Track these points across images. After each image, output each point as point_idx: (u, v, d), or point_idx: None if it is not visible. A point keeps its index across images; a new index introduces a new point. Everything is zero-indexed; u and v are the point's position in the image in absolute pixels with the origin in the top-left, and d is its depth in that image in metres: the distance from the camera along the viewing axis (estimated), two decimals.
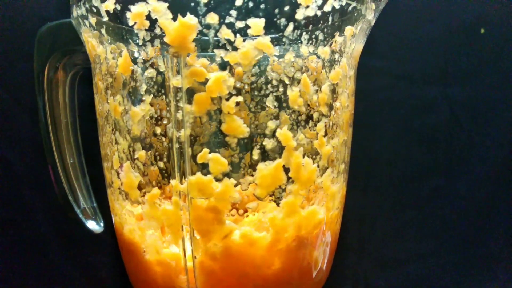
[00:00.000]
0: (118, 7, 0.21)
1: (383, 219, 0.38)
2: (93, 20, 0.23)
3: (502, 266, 0.38)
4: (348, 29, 0.24)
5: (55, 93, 0.31)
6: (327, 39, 0.23)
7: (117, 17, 0.22)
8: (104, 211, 0.33)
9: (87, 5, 0.23)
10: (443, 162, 0.37)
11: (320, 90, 0.23)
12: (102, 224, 0.32)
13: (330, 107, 0.24)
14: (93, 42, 0.24)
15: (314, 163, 0.24)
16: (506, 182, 0.37)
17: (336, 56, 0.24)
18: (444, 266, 0.38)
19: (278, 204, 0.23)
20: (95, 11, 0.22)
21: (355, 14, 0.24)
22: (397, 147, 0.37)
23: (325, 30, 0.23)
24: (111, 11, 0.21)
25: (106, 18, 0.22)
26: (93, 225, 0.32)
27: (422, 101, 0.37)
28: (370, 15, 0.26)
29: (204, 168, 0.22)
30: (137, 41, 0.21)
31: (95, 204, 0.32)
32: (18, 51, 0.34)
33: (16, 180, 0.36)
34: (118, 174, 0.24)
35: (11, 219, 0.36)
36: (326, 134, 0.24)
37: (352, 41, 0.25)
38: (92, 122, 0.28)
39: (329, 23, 0.23)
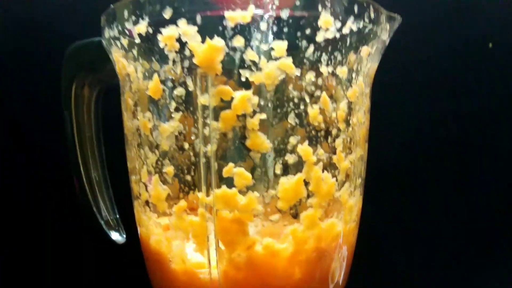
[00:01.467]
0: (150, 30, 0.23)
1: (393, 232, 0.39)
2: (125, 41, 0.24)
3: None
4: (365, 49, 0.25)
5: (81, 108, 0.32)
6: (345, 59, 0.24)
7: (149, 39, 0.23)
8: (125, 223, 0.34)
9: (119, 28, 0.24)
10: (452, 176, 0.38)
11: (338, 108, 0.25)
12: (124, 235, 0.33)
13: (348, 124, 0.25)
14: (124, 62, 0.25)
15: (332, 178, 0.25)
16: None
17: (353, 75, 0.25)
18: (454, 279, 0.39)
19: (299, 217, 0.24)
20: (127, 33, 0.24)
21: (371, 35, 0.25)
22: (407, 161, 0.38)
23: (343, 51, 0.24)
24: (144, 34, 0.23)
25: (138, 40, 0.23)
26: (116, 236, 0.33)
27: (430, 115, 0.38)
28: (385, 35, 0.27)
29: (229, 181, 0.23)
30: (167, 61, 0.23)
31: (118, 216, 0.34)
32: (45, 68, 0.35)
33: (40, 193, 0.37)
34: (146, 187, 0.25)
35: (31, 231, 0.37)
36: (344, 150, 0.25)
37: (368, 60, 0.26)
38: (116, 136, 0.30)
39: (347, 44, 0.24)
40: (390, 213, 0.39)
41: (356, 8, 0.24)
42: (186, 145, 0.23)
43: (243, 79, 0.22)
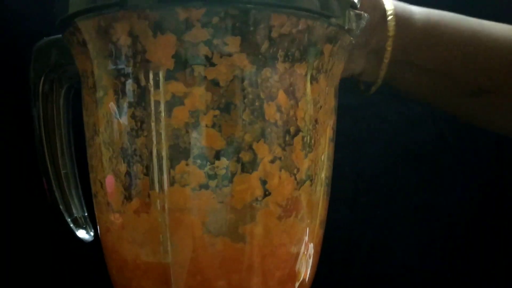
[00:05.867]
0: (103, 25, 0.22)
1: (370, 234, 0.38)
2: (80, 36, 0.24)
3: (489, 279, 0.38)
4: (326, 47, 0.25)
5: (50, 105, 0.32)
6: (304, 56, 0.24)
7: (102, 34, 0.23)
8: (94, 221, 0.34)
9: (74, 23, 0.24)
10: (429, 178, 0.38)
11: (297, 105, 0.24)
12: (92, 233, 0.33)
13: (308, 122, 0.25)
14: (81, 58, 0.25)
15: (291, 176, 0.24)
16: (491, 197, 0.38)
17: (314, 72, 0.25)
18: (431, 281, 0.38)
19: (255, 215, 0.24)
20: (81, 28, 0.23)
21: (333, 32, 0.25)
22: (383, 163, 0.38)
23: (301, 47, 0.24)
24: (96, 29, 0.23)
25: (91, 35, 0.23)
26: (83, 234, 0.33)
27: (408, 117, 0.37)
28: (350, 33, 0.27)
29: (182, 179, 0.23)
30: (120, 56, 0.22)
31: (86, 213, 0.33)
32: (14, 65, 0.35)
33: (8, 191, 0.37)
34: (101, 184, 0.25)
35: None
36: (303, 148, 0.25)
37: (330, 58, 0.26)
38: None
39: (305, 40, 0.23)
40: (368, 215, 0.38)
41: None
42: (139, 142, 0.23)
43: (196, 74, 0.22)
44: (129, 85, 0.23)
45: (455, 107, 0.33)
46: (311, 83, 0.25)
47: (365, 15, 0.27)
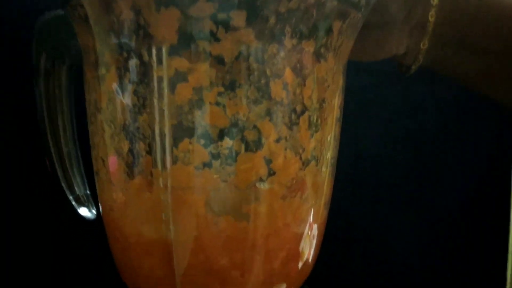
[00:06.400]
0: None
1: (368, 218, 0.38)
2: (82, 11, 0.23)
3: (487, 266, 0.38)
4: (336, 24, 0.24)
5: (52, 83, 0.32)
6: (312, 32, 0.23)
7: (104, 9, 0.22)
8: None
9: None
10: (429, 161, 0.37)
11: (304, 83, 0.23)
12: (94, 212, 0.33)
13: (314, 101, 0.24)
14: (83, 33, 0.24)
15: (296, 156, 0.24)
16: (491, 180, 0.37)
17: (322, 50, 0.24)
18: (429, 266, 0.38)
19: (259, 195, 0.23)
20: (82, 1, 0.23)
21: (343, 8, 0.24)
22: (384, 146, 0.37)
23: (310, 23, 0.23)
24: (98, 2, 0.22)
25: (93, 9, 0.22)
26: (85, 212, 0.32)
27: (409, 99, 0.37)
28: (359, 10, 0.26)
29: (185, 157, 0.22)
30: (123, 31, 0.22)
31: (88, 192, 0.33)
32: (16, 43, 0.35)
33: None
34: (103, 162, 0.25)
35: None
36: (309, 127, 0.24)
37: (339, 36, 0.25)
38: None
39: (314, 16, 0.23)
40: (366, 200, 0.38)
41: None
42: (141, 119, 0.22)
43: (200, 50, 0.21)
44: (132, 60, 0.22)
45: (507, 96, 0.29)
46: (319, 61, 0.24)
47: None
